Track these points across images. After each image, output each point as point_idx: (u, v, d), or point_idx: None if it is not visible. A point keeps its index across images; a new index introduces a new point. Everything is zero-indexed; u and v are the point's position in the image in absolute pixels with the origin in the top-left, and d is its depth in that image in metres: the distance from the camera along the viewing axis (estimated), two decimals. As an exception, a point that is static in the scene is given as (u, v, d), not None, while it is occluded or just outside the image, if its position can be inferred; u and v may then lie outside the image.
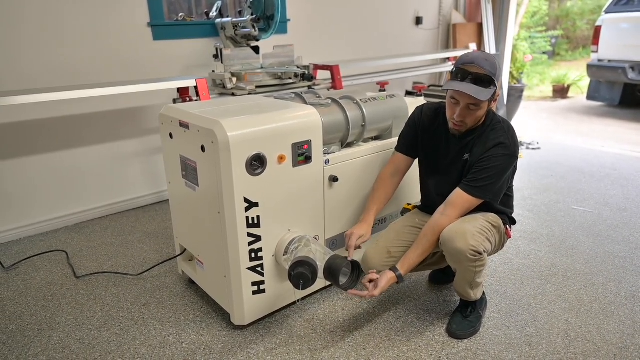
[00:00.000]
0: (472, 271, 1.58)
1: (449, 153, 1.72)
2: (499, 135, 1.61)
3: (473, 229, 1.57)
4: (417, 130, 1.81)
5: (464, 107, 1.57)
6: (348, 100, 2.05)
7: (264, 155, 1.62)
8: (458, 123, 1.61)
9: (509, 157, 1.60)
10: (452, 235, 1.56)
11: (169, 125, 1.85)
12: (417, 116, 1.82)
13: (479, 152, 1.61)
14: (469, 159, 1.66)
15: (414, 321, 1.84)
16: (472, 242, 1.53)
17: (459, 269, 1.62)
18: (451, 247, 1.55)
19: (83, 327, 1.85)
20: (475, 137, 1.66)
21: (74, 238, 2.64)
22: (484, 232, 1.61)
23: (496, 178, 1.59)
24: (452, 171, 1.72)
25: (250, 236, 1.66)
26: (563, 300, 1.95)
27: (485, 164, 1.58)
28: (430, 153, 1.79)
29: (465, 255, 1.53)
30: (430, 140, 1.78)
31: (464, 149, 1.68)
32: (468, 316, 1.75)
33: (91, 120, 2.81)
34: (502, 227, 1.73)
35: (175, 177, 1.92)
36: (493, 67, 1.53)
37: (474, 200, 1.60)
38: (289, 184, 1.73)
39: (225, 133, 1.53)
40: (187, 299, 2.02)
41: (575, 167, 3.72)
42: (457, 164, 1.70)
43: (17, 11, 2.43)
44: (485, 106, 1.58)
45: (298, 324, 1.83)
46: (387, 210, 2.14)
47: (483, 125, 1.66)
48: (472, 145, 1.65)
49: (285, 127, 1.68)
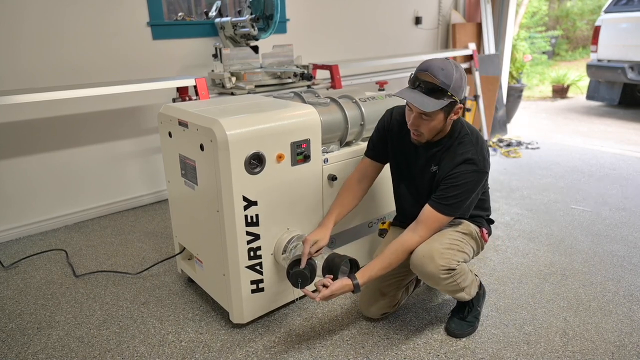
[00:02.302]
0: (452, 284, 1.57)
1: (418, 160, 1.66)
2: (467, 150, 1.53)
3: (440, 247, 1.53)
4: (386, 135, 1.74)
5: (416, 116, 1.50)
6: (347, 99, 2.05)
7: (262, 154, 1.62)
8: (414, 132, 1.56)
9: (478, 173, 1.52)
10: (420, 261, 1.52)
11: (167, 124, 1.86)
12: (386, 120, 1.76)
13: (447, 167, 1.54)
14: (436, 172, 1.60)
15: (412, 319, 1.84)
16: (441, 262, 1.50)
17: (438, 288, 1.61)
18: (422, 272, 1.53)
19: (82, 325, 1.85)
20: (441, 149, 1.59)
21: (73, 237, 2.65)
22: (453, 246, 1.57)
23: (465, 196, 1.53)
24: (422, 181, 1.67)
25: (249, 235, 1.67)
26: (561, 298, 1.96)
27: (454, 182, 1.51)
28: (400, 159, 1.73)
29: (438, 276, 1.52)
30: (400, 146, 1.71)
31: (431, 160, 1.62)
32: (466, 316, 1.75)
33: (90, 120, 2.81)
34: (476, 232, 1.68)
35: (174, 176, 1.92)
36: (448, 77, 1.43)
37: (445, 219, 1.55)
38: (288, 183, 1.73)
39: (224, 132, 1.53)
40: (186, 297, 2.02)
41: (574, 167, 3.73)
42: (426, 173, 1.64)
43: (16, 11, 2.43)
44: (440, 117, 1.49)
45: (297, 323, 1.83)
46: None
47: (450, 138, 1.59)
48: (440, 158, 1.59)
49: (284, 125, 1.68)
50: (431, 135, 1.56)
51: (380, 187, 2.12)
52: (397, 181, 1.80)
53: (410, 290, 1.86)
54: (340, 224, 1.99)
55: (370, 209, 2.11)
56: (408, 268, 1.76)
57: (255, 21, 2.82)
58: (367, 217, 2.11)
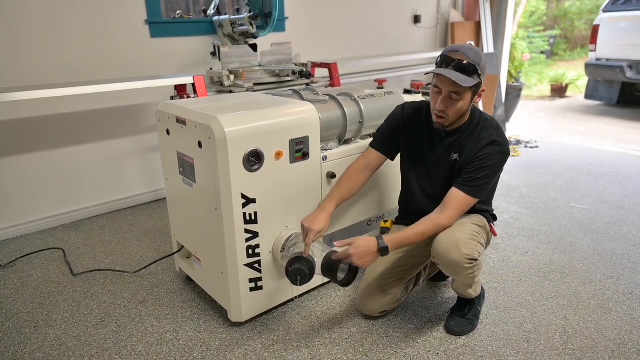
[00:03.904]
0: (470, 276, 1.57)
1: (434, 152, 1.69)
2: (490, 134, 1.59)
3: (464, 237, 1.54)
4: (399, 129, 1.76)
5: (446, 96, 1.53)
6: (346, 97, 2.04)
7: (261, 152, 1.61)
8: (440, 114, 1.57)
9: (503, 155, 1.58)
10: (444, 248, 1.52)
11: (165, 122, 1.85)
12: (398, 114, 1.77)
13: (472, 151, 1.59)
14: (458, 159, 1.63)
15: (412, 318, 1.83)
16: (466, 250, 1.51)
17: (457, 278, 1.61)
18: (446, 260, 1.52)
19: (80, 324, 1.84)
20: (462, 136, 1.63)
21: (71, 236, 2.63)
22: (475, 237, 1.58)
23: (491, 177, 1.58)
24: (438, 172, 1.69)
25: (247, 232, 1.66)
26: (561, 296, 1.95)
27: (481, 163, 1.56)
28: (413, 153, 1.75)
29: (462, 265, 1.51)
30: (413, 140, 1.74)
31: (450, 149, 1.65)
32: (466, 314, 1.74)
33: (89, 118, 2.80)
34: (487, 226, 1.72)
35: (172, 173, 1.91)
36: (478, 57, 1.50)
37: (472, 200, 1.58)
38: (287, 181, 1.72)
39: (223, 129, 1.52)
40: (185, 296, 2.01)
41: (573, 166, 3.72)
42: (444, 164, 1.66)
43: (16, 11, 2.42)
44: (468, 98, 1.53)
45: (296, 321, 1.82)
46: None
47: (470, 124, 1.63)
48: (461, 145, 1.63)
49: (282, 123, 1.67)
50: (456, 118, 1.58)
51: (382, 184, 2.11)
52: (408, 175, 1.80)
53: (410, 289, 1.86)
54: (339, 222, 1.98)
55: (370, 206, 2.10)
56: (410, 266, 1.76)
57: (253, 19, 2.81)
58: (367, 215, 2.10)
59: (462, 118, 1.62)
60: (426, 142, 1.71)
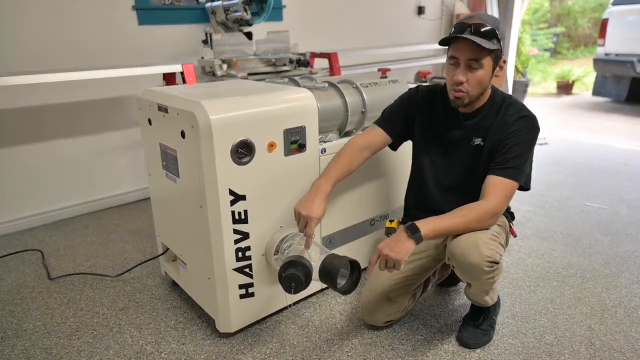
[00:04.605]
0: (489, 281, 1.38)
1: (452, 138, 1.51)
2: (518, 110, 1.44)
3: (484, 236, 1.36)
4: (414, 111, 1.58)
5: (465, 66, 1.36)
6: (347, 84, 1.86)
7: (251, 142, 1.44)
8: (459, 89, 1.39)
9: (535, 130, 1.43)
10: (463, 249, 1.33)
11: (147, 110, 1.67)
12: (412, 95, 1.59)
13: (501, 131, 1.42)
14: (482, 143, 1.46)
15: (420, 328, 1.65)
16: (487, 252, 1.32)
17: (475, 283, 1.42)
18: (464, 262, 1.34)
19: (52, 334, 1.66)
20: (485, 117, 1.45)
21: (51, 236, 2.45)
22: (495, 237, 1.40)
23: (526, 156, 1.41)
24: (456, 160, 1.51)
25: (236, 233, 1.48)
26: (583, 304, 1.77)
27: (514, 140, 1.39)
28: (428, 139, 1.57)
29: (482, 268, 1.32)
30: (429, 124, 1.56)
31: (471, 133, 1.47)
32: (481, 324, 1.56)
33: (73, 111, 2.62)
34: (507, 225, 1.56)
35: (155, 168, 1.73)
36: (496, 22, 1.37)
37: (513, 185, 1.38)
38: (281, 175, 1.54)
39: (207, 116, 1.35)
40: (169, 303, 1.84)
41: (585, 163, 3.55)
42: (464, 150, 1.49)
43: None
44: (489, 67, 1.37)
45: (291, 331, 1.65)
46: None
47: (492, 104, 1.46)
48: (485, 127, 1.45)
49: (276, 111, 1.50)
50: (477, 92, 1.40)
51: (387, 179, 1.94)
52: (422, 164, 1.59)
53: (418, 295, 1.68)
54: (338, 222, 1.80)
55: (374, 204, 1.92)
56: (418, 270, 1.58)
57: (247, 4, 2.64)
58: (370, 214, 1.92)
59: (483, 97, 1.44)
60: (443, 127, 1.53)
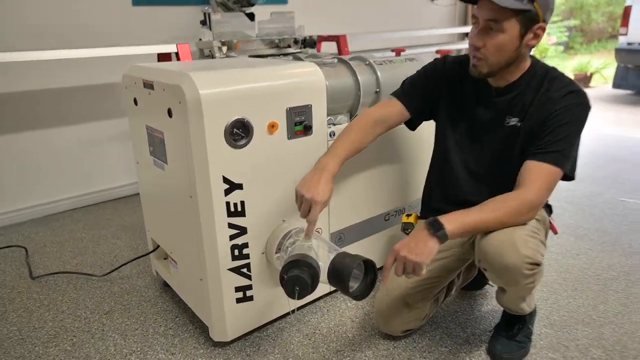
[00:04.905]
0: (529, 286, 1.15)
1: (483, 116, 1.28)
2: (565, 84, 1.19)
3: (523, 233, 1.13)
4: (439, 84, 1.34)
5: (483, 27, 1.14)
6: (359, 61, 1.66)
7: (248, 122, 1.23)
8: (476, 54, 1.17)
9: (585, 108, 1.19)
10: (497, 247, 1.11)
11: (133, 89, 1.47)
12: (439, 66, 1.36)
13: (544, 110, 1.18)
14: (518, 124, 1.22)
15: (444, 338, 1.44)
16: (526, 251, 1.10)
17: (511, 289, 1.19)
18: (499, 264, 1.11)
19: (26, 341, 1.47)
20: (522, 93, 1.21)
21: (38, 232, 2.27)
22: (536, 234, 1.17)
23: (574, 138, 1.18)
24: (487, 143, 1.28)
25: (232, 227, 1.28)
26: (633, 311, 1.54)
27: (560, 120, 1.15)
28: (455, 118, 1.34)
29: (520, 271, 1.10)
30: (456, 100, 1.33)
31: (506, 111, 1.23)
32: (515, 335, 1.34)
33: (64, 97, 2.43)
34: (547, 220, 1.32)
35: (142, 155, 1.54)
36: None
37: (557, 172, 1.15)
38: (283, 161, 1.34)
39: (196, 89, 1.15)
40: (160, 306, 1.64)
41: (614, 156, 3.30)
42: (497, 132, 1.25)
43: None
44: (514, 32, 1.12)
45: (295, 341, 1.44)
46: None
47: (532, 77, 1.21)
48: (522, 105, 1.21)
49: (278, 86, 1.29)
50: (497, 61, 1.16)
51: (404, 169, 1.72)
52: (447, 147, 1.36)
53: (441, 301, 1.46)
54: (348, 216, 1.60)
55: (389, 196, 1.71)
56: (442, 272, 1.36)
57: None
58: (384, 208, 1.71)
59: (518, 68, 1.20)
60: (472, 103, 1.30)
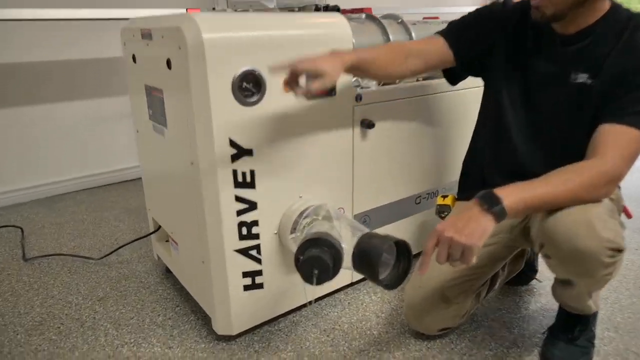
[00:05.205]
0: (606, 278, 0.92)
1: (545, 70, 1.04)
2: None
3: (602, 211, 0.90)
4: (493, 29, 1.11)
5: None
6: (390, 20, 1.44)
7: (260, 75, 1.04)
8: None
9: None
10: (569, 229, 0.88)
11: (131, 44, 1.29)
12: (496, 8, 1.13)
13: (626, 62, 0.93)
14: (588, 81, 0.97)
15: (487, 339, 1.22)
16: (606, 233, 0.87)
17: (583, 281, 0.96)
18: (572, 249, 0.87)
19: (9, 327, 1.31)
20: (595, 42, 0.97)
21: (38, 213, 2.13)
22: (614, 214, 0.96)
23: None
24: (548, 102, 1.04)
25: (239, 201, 1.08)
26: None
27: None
28: (511, 71, 1.10)
29: (599, 259, 0.86)
30: (513, 49, 1.10)
31: (574, 64, 0.99)
32: (576, 338, 1.11)
33: (68, 70, 2.29)
34: (621, 199, 1.08)
35: (142, 120, 1.36)
36: None
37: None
38: (300, 125, 1.14)
39: (199, 32, 0.95)
40: (159, 293, 1.46)
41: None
42: (562, 89, 1.01)
43: None
44: None
45: (311, 337, 1.24)
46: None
47: (609, 23, 0.97)
48: (595, 58, 0.97)
49: (297, 36, 1.09)
50: (562, 6, 0.94)
51: (439, 148, 1.51)
52: (500, 107, 1.12)
53: (483, 296, 1.24)
54: (374, 198, 1.39)
55: (420, 177, 1.50)
56: (488, 261, 1.14)
57: (268, -55, 2.24)
58: (415, 189, 1.50)
59: (591, 12, 0.96)
60: (533, 55, 1.07)
